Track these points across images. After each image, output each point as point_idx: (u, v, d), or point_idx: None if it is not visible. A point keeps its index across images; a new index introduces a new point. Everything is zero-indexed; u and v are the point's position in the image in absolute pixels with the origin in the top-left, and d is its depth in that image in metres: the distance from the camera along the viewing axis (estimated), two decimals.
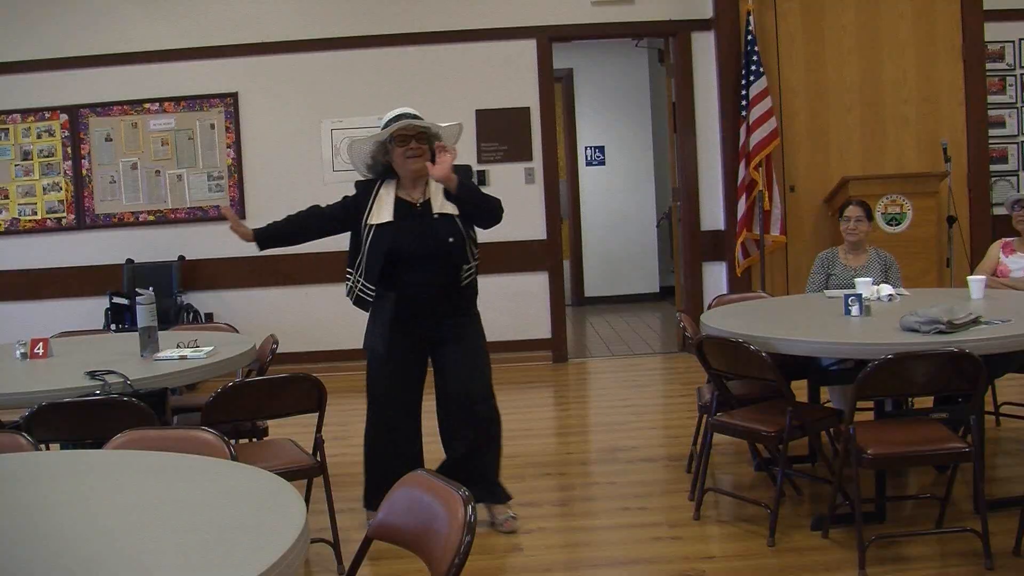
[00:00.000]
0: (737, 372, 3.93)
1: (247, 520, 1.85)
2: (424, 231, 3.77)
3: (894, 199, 6.90)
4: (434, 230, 3.77)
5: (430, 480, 2.07)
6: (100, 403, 3.15)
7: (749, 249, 7.20)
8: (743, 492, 4.23)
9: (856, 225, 5.00)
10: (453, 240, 3.76)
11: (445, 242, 3.75)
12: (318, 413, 3.59)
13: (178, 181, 7.43)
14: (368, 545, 2.16)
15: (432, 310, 3.84)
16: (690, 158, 7.50)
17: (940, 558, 3.50)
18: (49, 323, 6.49)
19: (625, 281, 10.65)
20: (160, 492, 2.06)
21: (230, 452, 2.44)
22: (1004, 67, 7.47)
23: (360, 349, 4.11)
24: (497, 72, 7.42)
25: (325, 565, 3.65)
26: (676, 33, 7.46)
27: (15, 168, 7.43)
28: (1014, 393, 5.30)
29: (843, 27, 7.32)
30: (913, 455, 3.49)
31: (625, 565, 3.65)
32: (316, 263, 7.32)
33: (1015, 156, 7.55)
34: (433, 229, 3.77)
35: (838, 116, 7.34)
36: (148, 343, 3.76)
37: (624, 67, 10.51)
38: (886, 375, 3.34)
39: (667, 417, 5.98)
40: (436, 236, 3.76)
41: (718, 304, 4.87)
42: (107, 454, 2.46)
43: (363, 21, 7.39)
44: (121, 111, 7.39)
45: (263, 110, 7.42)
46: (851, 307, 3.99)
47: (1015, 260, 5.15)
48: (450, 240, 3.75)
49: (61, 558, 1.67)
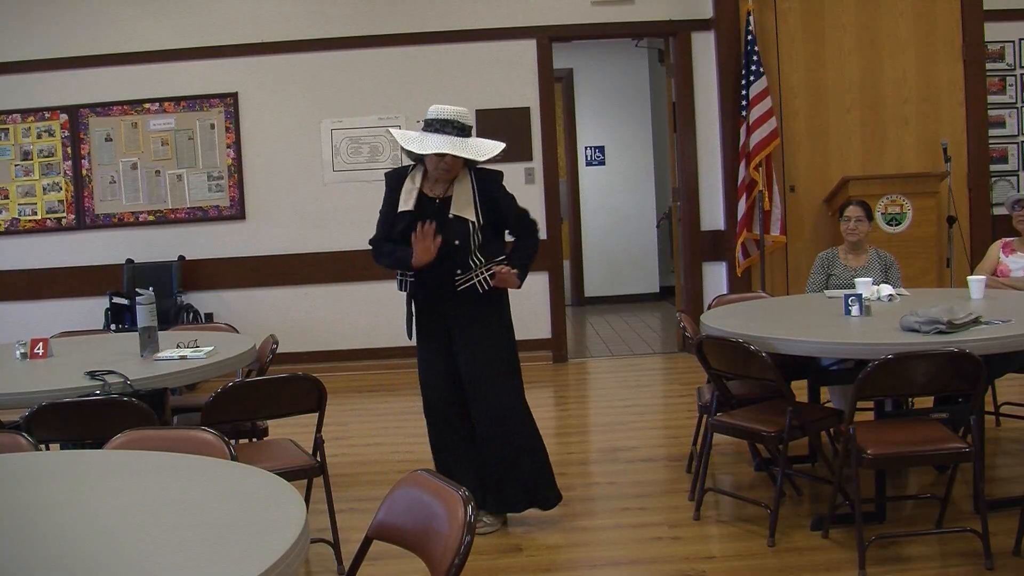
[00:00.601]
0: (737, 372, 3.93)
1: (247, 520, 1.85)
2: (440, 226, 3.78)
3: (894, 199, 6.90)
4: (445, 229, 3.78)
5: (430, 480, 2.07)
6: (100, 403, 3.15)
7: (749, 249, 7.20)
8: (743, 492, 4.23)
9: (856, 225, 5.00)
10: (459, 244, 3.78)
11: (450, 243, 3.77)
12: (318, 413, 3.58)
13: (178, 181, 7.43)
14: (368, 545, 2.16)
15: (447, 299, 3.88)
16: (690, 158, 7.49)
17: (940, 558, 3.50)
18: (49, 323, 6.50)
19: (625, 281, 10.65)
20: (160, 492, 2.06)
21: (230, 452, 2.44)
22: (1004, 67, 7.47)
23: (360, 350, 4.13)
24: (497, 72, 7.42)
25: (325, 565, 3.65)
26: (676, 33, 7.46)
27: (15, 168, 7.43)
28: (1014, 393, 5.30)
29: (843, 27, 7.32)
30: (913, 455, 3.49)
31: (625, 565, 3.65)
32: (316, 263, 7.33)
33: (1015, 156, 7.55)
34: (446, 226, 3.78)
35: (838, 116, 7.34)
36: (148, 343, 3.76)
37: (624, 67, 10.51)
38: (886, 375, 3.34)
39: (667, 417, 5.97)
40: (447, 234, 3.77)
41: (718, 304, 4.87)
42: (107, 454, 2.46)
43: (363, 21, 7.39)
44: (121, 111, 7.39)
45: (263, 110, 7.42)
46: (851, 307, 3.99)
47: (1015, 260, 5.15)
48: (455, 243, 3.78)
49: (61, 558, 1.67)
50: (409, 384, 6.78)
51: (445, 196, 3.85)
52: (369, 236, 3.99)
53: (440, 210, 3.83)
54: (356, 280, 7.31)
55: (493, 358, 3.94)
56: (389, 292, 4.43)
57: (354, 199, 7.21)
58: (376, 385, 6.92)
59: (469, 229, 3.80)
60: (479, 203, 3.84)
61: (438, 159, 3.75)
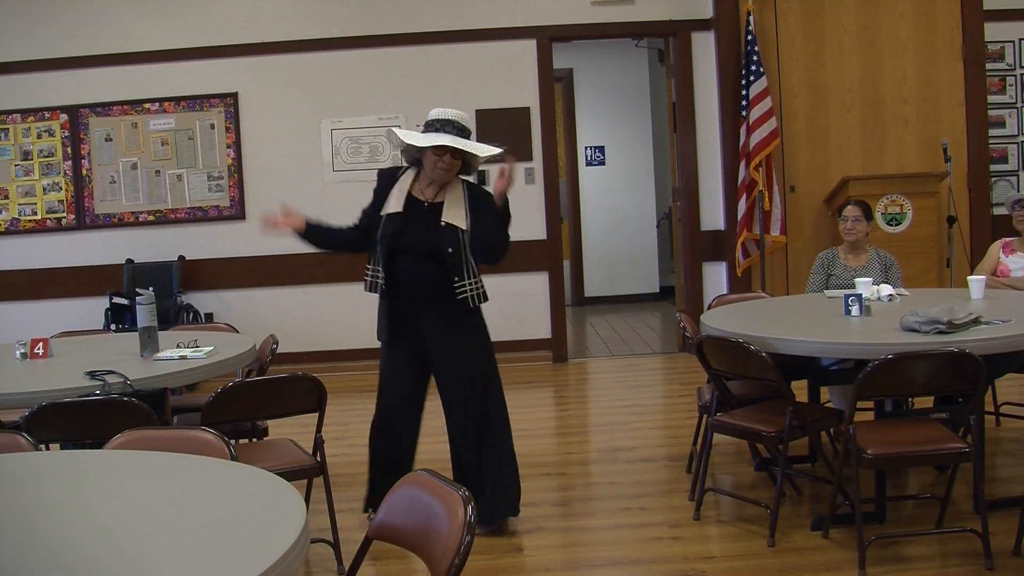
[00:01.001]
0: (737, 372, 3.93)
1: (247, 520, 1.85)
2: (425, 231, 3.80)
3: (894, 199, 6.90)
4: (435, 235, 3.78)
5: (430, 480, 2.07)
6: (100, 403, 3.15)
7: (749, 249, 7.20)
8: (743, 492, 4.23)
9: (854, 225, 5.00)
10: (452, 252, 3.77)
11: (443, 251, 3.77)
12: (318, 413, 3.58)
13: (178, 181, 7.43)
14: (368, 545, 2.16)
15: (424, 306, 3.86)
16: (690, 158, 7.49)
17: (940, 558, 3.50)
18: (49, 323, 6.49)
19: (625, 281, 10.64)
20: (160, 492, 2.06)
21: (230, 452, 2.44)
22: (1004, 67, 7.47)
23: (360, 350, 4.14)
24: (497, 72, 7.42)
25: (325, 565, 3.65)
26: (676, 33, 7.46)
27: (15, 168, 7.43)
28: (1014, 393, 5.30)
29: (843, 27, 7.32)
30: (913, 455, 3.49)
31: (625, 565, 3.65)
32: (316, 263, 7.32)
33: (1015, 156, 7.55)
34: (435, 233, 3.79)
35: (838, 116, 7.34)
36: (148, 343, 3.76)
37: (624, 67, 10.51)
38: (886, 375, 3.34)
39: (667, 417, 5.97)
40: (436, 241, 3.78)
41: (718, 304, 4.87)
42: (107, 454, 2.46)
43: (363, 21, 7.39)
44: (121, 111, 7.39)
45: (263, 110, 7.42)
46: (851, 307, 3.99)
47: (1015, 260, 5.15)
48: (448, 251, 3.77)
49: (61, 558, 1.67)
50: None
51: (435, 201, 3.84)
52: None
53: (428, 215, 3.82)
54: (356, 280, 7.20)
55: (476, 374, 3.90)
56: None
57: (354, 199, 7.11)
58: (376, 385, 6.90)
59: (460, 237, 3.79)
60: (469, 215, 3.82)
61: (437, 157, 3.74)
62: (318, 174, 7.38)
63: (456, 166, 3.81)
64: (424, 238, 3.80)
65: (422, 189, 3.87)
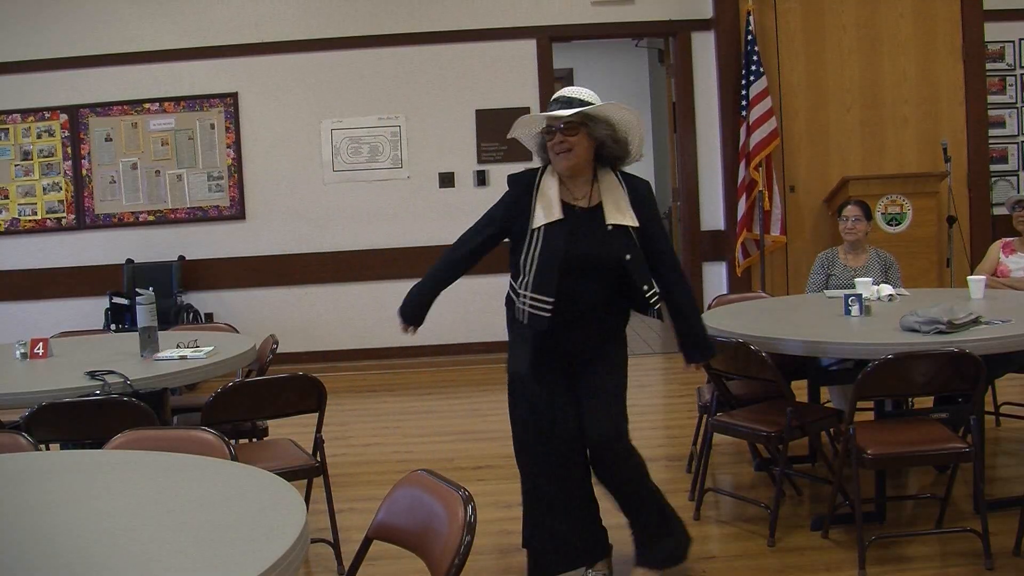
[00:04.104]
0: (737, 372, 3.93)
1: (247, 520, 1.85)
2: (595, 239, 3.15)
3: (894, 199, 6.90)
4: (606, 243, 3.14)
5: (430, 480, 2.07)
6: (100, 403, 3.15)
7: (749, 249, 7.20)
8: (743, 492, 4.23)
9: (854, 225, 4.99)
10: (630, 258, 3.13)
11: (619, 259, 3.13)
12: (318, 413, 3.58)
13: (178, 181, 7.44)
14: (368, 545, 2.16)
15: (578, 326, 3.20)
16: (690, 158, 7.49)
17: (940, 558, 3.50)
18: (49, 323, 6.50)
19: None
20: (160, 492, 2.06)
21: (230, 452, 2.44)
22: (1004, 67, 7.47)
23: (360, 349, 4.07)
24: (497, 72, 7.42)
25: (325, 565, 3.65)
26: (676, 33, 7.46)
27: (15, 168, 7.44)
28: (1014, 393, 5.30)
29: (843, 27, 7.32)
30: (913, 455, 3.48)
31: (625, 565, 3.64)
32: (316, 263, 7.32)
33: (1015, 156, 7.55)
34: (605, 240, 3.14)
35: (838, 116, 7.35)
36: (148, 343, 3.76)
37: (624, 67, 10.52)
38: (886, 375, 3.34)
39: (667, 417, 5.97)
40: (609, 249, 3.14)
41: (718, 304, 4.87)
42: (107, 454, 2.46)
43: (363, 21, 7.39)
44: (121, 111, 7.39)
45: (263, 110, 7.42)
46: (851, 307, 3.99)
47: (1015, 260, 5.15)
48: (627, 257, 3.13)
49: (61, 558, 1.67)
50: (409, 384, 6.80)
51: (591, 205, 3.18)
52: (368, 236, 3.95)
53: (588, 221, 3.16)
54: (356, 280, 7.31)
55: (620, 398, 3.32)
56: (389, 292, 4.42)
57: (354, 199, 7.21)
58: (376, 385, 6.91)
59: (633, 238, 3.15)
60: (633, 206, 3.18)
61: (551, 141, 3.17)
62: (318, 174, 7.38)
63: (581, 145, 3.13)
64: (593, 249, 3.14)
65: (571, 191, 3.20)
